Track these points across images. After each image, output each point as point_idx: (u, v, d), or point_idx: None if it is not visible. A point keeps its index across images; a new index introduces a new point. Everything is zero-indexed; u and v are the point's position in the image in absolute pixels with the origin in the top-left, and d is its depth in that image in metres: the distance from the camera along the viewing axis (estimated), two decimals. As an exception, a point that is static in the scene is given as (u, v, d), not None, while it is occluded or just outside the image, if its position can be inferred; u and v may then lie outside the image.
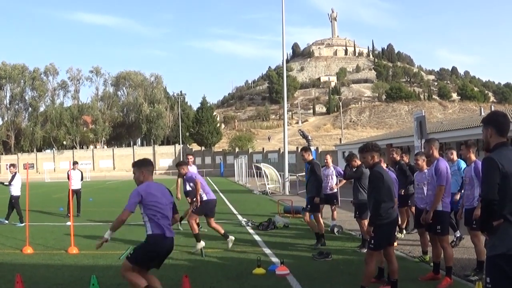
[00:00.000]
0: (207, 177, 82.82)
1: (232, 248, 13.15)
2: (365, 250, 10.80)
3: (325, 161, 17.26)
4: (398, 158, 14.98)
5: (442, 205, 9.41)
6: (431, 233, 9.74)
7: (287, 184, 37.80)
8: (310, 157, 14.41)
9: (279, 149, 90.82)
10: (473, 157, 10.13)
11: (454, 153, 12.57)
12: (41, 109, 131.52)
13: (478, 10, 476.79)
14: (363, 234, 12.41)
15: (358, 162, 13.55)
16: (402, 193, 13.95)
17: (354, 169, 13.67)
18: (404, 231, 14.89)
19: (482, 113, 49.60)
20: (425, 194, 10.09)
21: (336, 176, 17.03)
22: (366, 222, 11.56)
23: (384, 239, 8.18)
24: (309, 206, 13.87)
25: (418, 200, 10.56)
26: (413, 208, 12.77)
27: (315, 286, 9.18)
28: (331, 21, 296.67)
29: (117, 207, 27.99)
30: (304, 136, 46.71)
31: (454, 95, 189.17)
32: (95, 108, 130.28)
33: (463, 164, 11.81)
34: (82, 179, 23.75)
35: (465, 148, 10.46)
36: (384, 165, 9.62)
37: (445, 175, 9.42)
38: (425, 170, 10.64)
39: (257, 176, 44.88)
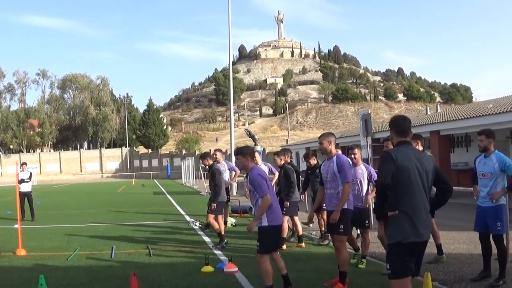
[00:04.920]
0: (154, 180, 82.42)
1: (180, 248, 13.30)
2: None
3: (214, 156, 16.55)
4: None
5: (346, 203, 8.76)
6: (333, 234, 9.04)
7: (234, 184, 37.92)
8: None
9: (226, 150, 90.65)
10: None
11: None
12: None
13: (424, 12, 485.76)
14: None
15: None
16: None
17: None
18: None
19: (428, 113, 50.66)
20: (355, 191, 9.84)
21: (229, 170, 17.70)
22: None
23: None
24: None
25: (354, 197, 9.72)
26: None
27: (263, 283, 9.30)
28: (277, 23, 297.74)
29: (64, 210, 27.91)
30: (251, 135, 47.09)
31: (400, 96, 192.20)
32: (41, 112, 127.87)
33: None
34: (30, 178, 23.14)
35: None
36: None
37: (350, 171, 8.87)
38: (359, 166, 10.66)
39: (204, 178, 44.80)
